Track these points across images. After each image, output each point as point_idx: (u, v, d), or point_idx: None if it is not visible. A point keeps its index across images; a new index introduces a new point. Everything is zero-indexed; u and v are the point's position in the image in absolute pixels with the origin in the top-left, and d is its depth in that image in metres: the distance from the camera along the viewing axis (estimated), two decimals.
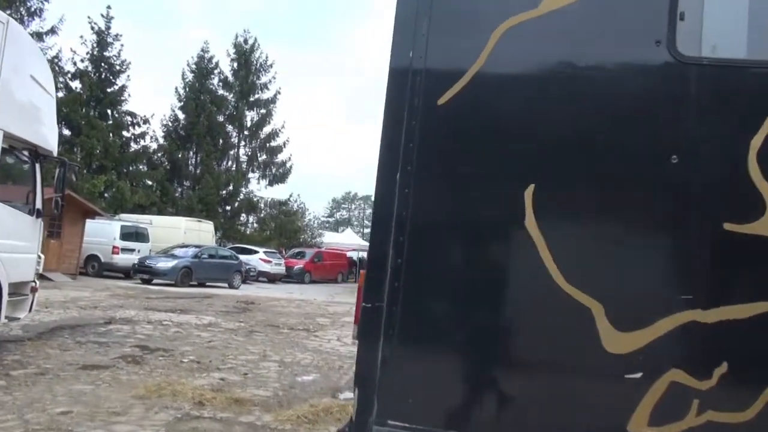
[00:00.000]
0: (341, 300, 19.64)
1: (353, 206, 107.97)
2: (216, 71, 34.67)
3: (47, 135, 7.41)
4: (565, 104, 2.42)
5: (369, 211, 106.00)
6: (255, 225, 36.36)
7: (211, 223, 26.12)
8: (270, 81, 35.15)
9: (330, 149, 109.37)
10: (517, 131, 2.47)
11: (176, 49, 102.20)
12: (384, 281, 2.47)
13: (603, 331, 2.29)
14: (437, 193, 2.51)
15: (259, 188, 35.65)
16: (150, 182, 31.02)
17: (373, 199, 2.69)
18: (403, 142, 2.51)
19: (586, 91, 2.43)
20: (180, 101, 33.17)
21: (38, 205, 7.35)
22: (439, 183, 2.51)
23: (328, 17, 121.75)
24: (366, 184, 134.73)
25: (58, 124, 7.79)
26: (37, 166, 7.35)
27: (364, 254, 38.91)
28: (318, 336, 10.69)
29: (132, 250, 21.17)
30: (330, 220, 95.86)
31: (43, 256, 7.68)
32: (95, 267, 20.95)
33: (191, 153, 33.78)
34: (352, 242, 40.78)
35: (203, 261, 20.59)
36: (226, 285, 21.27)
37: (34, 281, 7.37)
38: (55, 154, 7.68)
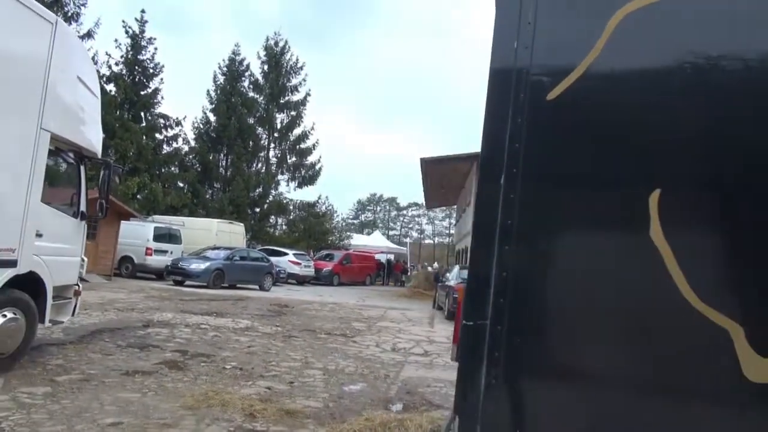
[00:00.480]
0: (372, 303, 19.44)
1: (378, 208, 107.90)
2: (247, 74, 34.87)
3: (92, 137, 7.32)
4: (696, 98, 2.13)
5: (394, 213, 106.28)
6: (284, 227, 36.42)
7: (242, 225, 26.16)
8: (300, 83, 35.26)
9: (355, 151, 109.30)
10: (639, 129, 2.17)
11: (208, 53, 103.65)
12: (487, 297, 2.21)
13: (743, 357, 1.99)
14: (547, 198, 2.24)
15: (288, 190, 35.78)
16: (181, 184, 31.27)
17: (474, 205, 2.44)
18: (508, 143, 2.25)
19: (717, 83, 2.13)
20: (211, 103, 33.42)
21: (82, 207, 7.27)
22: (549, 187, 2.24)
23: (351, 24, 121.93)
24: (390, 186, 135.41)
25: None
26: (82, 168, 7.27)
27: (392, 257, 38.89)
28: (356, 342, 10.47)
29: (165, 252, 21.27)
30: (355, 222, 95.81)
31: (86, 260, 7.60)
32: (129, 268, 21.10)
33: (222, 155, 33.98)
34: (380, 244, 40.67)
35: (235, 263, 20.58)
36: (257, 287, 21.24)
37: (77, 284, 7.29)
38: (99, 156, 7.60)
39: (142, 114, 29.29)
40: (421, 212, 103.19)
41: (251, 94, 34.77)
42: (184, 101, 70.66)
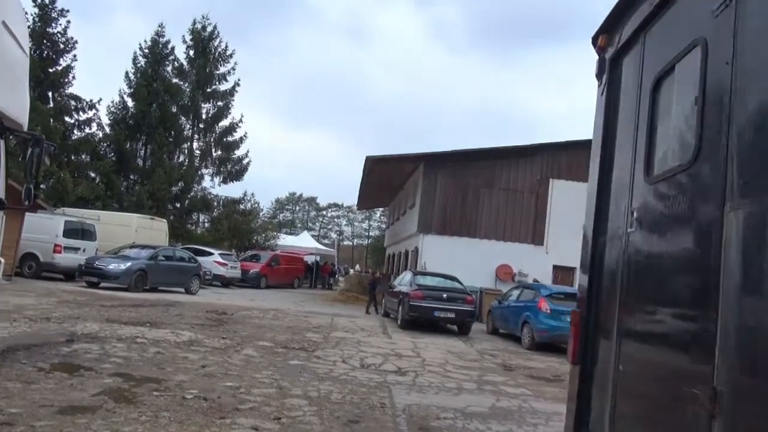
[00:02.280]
0: (312, 309, 18.15)
1: (297, 208, 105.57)
2: (170, 58, 32.25)
3: (16, 103, 5.69)
4: None
5: (313, 213, 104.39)
6: (206, 224, 34.08)
7: (165, 221, 23.92)
8: (229, 72, 33.05)
9: (272, 149, 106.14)
10: None
11: (127, 32, 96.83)
12: None
13: None
14: None
15: (212, 185, 33.47)
16: (93, 174, 28.31)
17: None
18: None
19: None
20: (130, 87, 30.54)
21: (0, 193, 5.62)
22: None
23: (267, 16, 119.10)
24: (311, 186, 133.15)
25: None
26: (2, 142, 5.62)
27: (317, 258, 37.46)
28: (321, 358, 9.25)
29: (77, 249, 18.88)
30: (273, 221, 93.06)
31: (3, 261, 5.92)
32: (32, 267, 18.50)
33: (140, 144, 31.18)
34: (308, 245, 39.15)
35: (160, 264, 18.56)
36: (182, 290, 19.31)
37: None
38: (26, 128, 5.96)
39: (50, 94, 26.18)
40: (340, 213, 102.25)
41: (175, 80, 32.20)
42: (99, 83, 64.97)
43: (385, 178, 24.61)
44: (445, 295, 14.35)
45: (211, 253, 25.12)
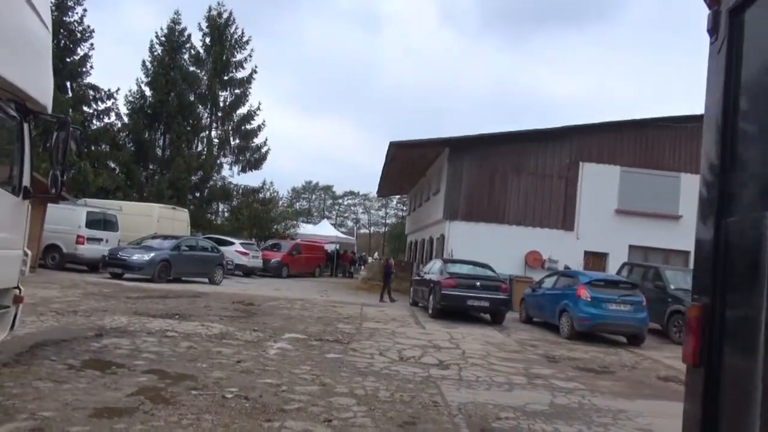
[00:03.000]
0: (338, 299, 17.78)
1: (313, 196, 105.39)
2: (187, 45, 31.84)
3: (41, 82, 5.31)
4: None
5: (330, 201, 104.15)
6: (226, 214, 33.84)
7: (186, 211, 23.65)
8: (246, 59, 32.59)
9: (287, 138, 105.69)
10: None
11: (144, 20, 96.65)
12: None
13: None
14: None
15: (231, 174, 33.15)
16: (113, 164, 28.11)
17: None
18: None
19: None
20: (147, 76, 30.20)
21: (26, 181, 5.25)
22: None
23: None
24: (326, 175, 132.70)
25: None
26: (26, 126, 5.24)
27: (337, 246, 37.09)
28: (357, 350, 8.84)
29: (99, 240, 18.66)
30: (289, 210, 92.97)
31: (30, 253, 5.54)
32: (56, 258, 18.33)
33: (159, 134, 30.91)
34: (328, 234, 38.81)
35: (183, 254, 18.28)
36: (206, 280, 19.04)
37: (17, 287, 5.28)
38: (50, 110, 5.57)
39: (68, 84, 25.92)
40: (357, 201, 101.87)
41: (192, 68, 31.83)
42: (117, 72, 64.68)
43: (408, 164, 24.07)
44: (478, 283, 13.86)
45: (232, 243, 24.83)
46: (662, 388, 8.13)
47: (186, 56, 32.02)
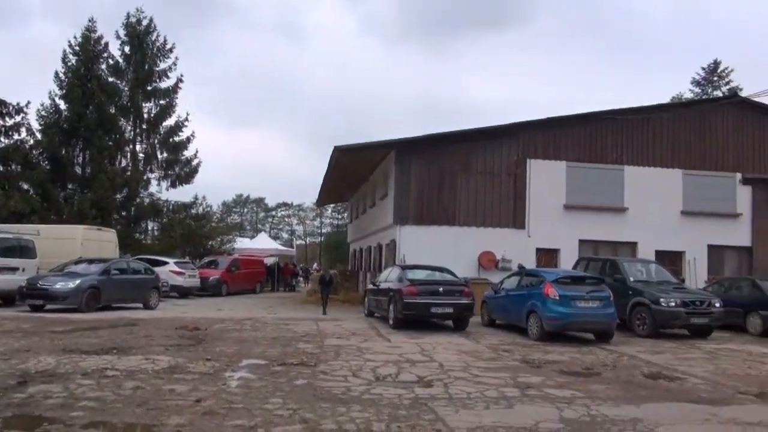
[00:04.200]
0: (289, 315, 16.71)
1: (245, 210, 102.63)
2: (104, 55, 29.71)
3: None
4: None
5: (263, 214, 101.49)
6: (156, 232, 31.80)
7: (113, 231, 21.77)
8: (170, 68, 30.78)
9: (217, 152, 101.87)
10: None
11: (53, 31, 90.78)
12: None
13: None
14: None
15: (159, 190, 31.15)
16: (26, 185, 25.65)
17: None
18: None
19: None
20: (61, 89, 27.86)
21: None
22: None
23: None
24: (257, 187, 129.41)
25: None
26: None
27: (275, 260, 35.64)
28: (327, 373, 7.95)
29: (15, 269, 16.68)
30: (223, 224, 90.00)
31: None
32: None
33: (77, 150, 28.58)
34: (267, 247, 37.33)
35: (113, 278, 16.65)
36: (140, 305, 17.47)
37: None
38: None
39: None
40: (290, 212, 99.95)
41: (111, 78, 29.68)
42: (24, 85, 60.00)
43: (350, 170, 23.25)
44: (440, 289, 13.22)
45: (165, 263, 23.18)
46: (655, 387, 7.71)
47: (104, 66, 29.90)
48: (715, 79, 46.28)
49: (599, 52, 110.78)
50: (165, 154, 30.90)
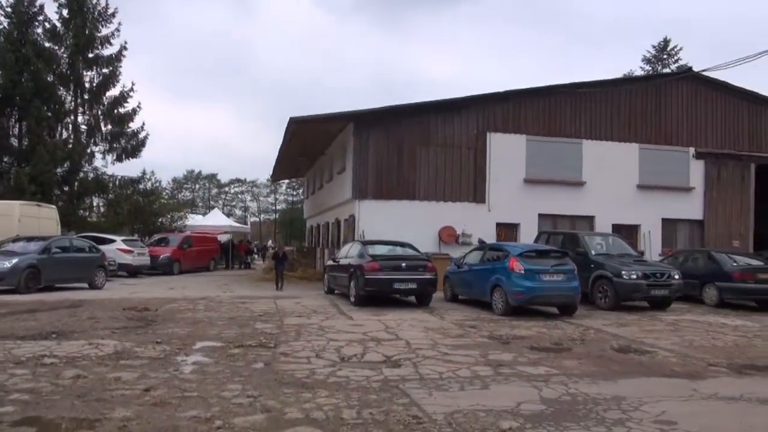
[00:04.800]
0: (245, 294, 16.08)
1: (197, 186, 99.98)
2: (40, 18, 27.66)
3: None
4: None
5: (215, 190, 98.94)
6: (102, 209, 30.24)
7: (54, 208, 20.46)
8: (113, 34, 28.86)
9: (164, 126, 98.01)
10: None
11: None
12: None
13: None
14: None
15: (104, 164, 29.50)
16: None
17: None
18: None
19: None
20: None
21: None
22: None
23: None
24: (208, 163, 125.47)
25: None
26: None
27: (229, 237, 34.57)
28: (289, 354, 7.48)
29: None
30: (171, 201, 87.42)
31: None
32: None
33: (13, 121, 26.67)
34: (221, 223, 36.19)
35: (54, 257, 15.59)
36: (85, 285, 16.50)
37: None
38: None
39: None
40: (244, 189, 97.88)
41: (48, 44, 27.65)
42: None
43: (307, 143, 22.48)
44: (403, 264, 12.84)
45: (112, 240, 22.05)
46: (627, 361, 7.55)
47: (40, 30, 27.83)
48: (665, 56, 47.20)
49: (551, 30, 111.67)
50: (109, 126, 29.15)
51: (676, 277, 13.36)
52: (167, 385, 5.73)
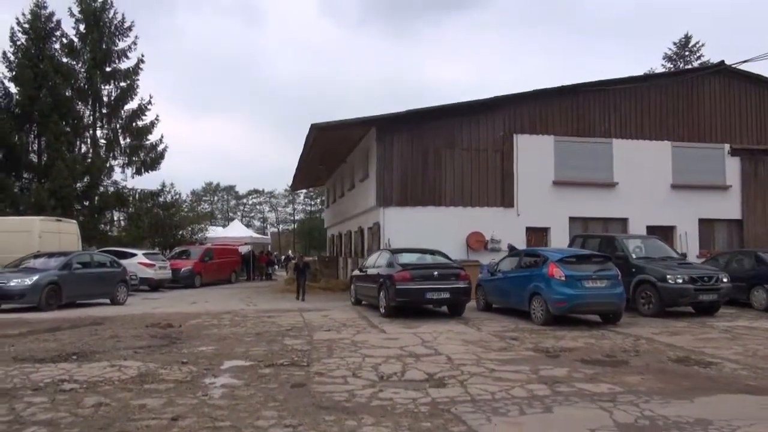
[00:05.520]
0: (270, 306, 15.60)
1: (215, 198, 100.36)
2: (57, 33, 27.70)
3: None
4: None
5: (233, 202, 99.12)
6: (122, 222, 30.12)
7: (74, 222, 20.25)
8: (130, 47, 28.90)
9: (180, 139, 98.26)
10: None
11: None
12: None
13: None
14: None
15: (124, 178, 29.40)
16: None
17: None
18: None
19: None
20: (10, 70, 25.89)
21: None
22: None
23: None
24: (225, 175, 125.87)
25: None
26: None
27: (249, 248, 34.25)
28: (324, 374, 6.93)
29: None
30: (190, 215, 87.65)
31: None
32: None
33: (32, 136, 26.70)
34: (241, 235, 35.92)
35: (75, 272, 15.28)
36: (107, 301, 16.15)
37: None
38: None
39: None
40: (262, 199, 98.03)
41: (66, 59, 27.72)
42: None
43: (328, 150, 22.05)
44: (435, 273, 12.25)
45: (134, 254, 21.84)
46: (693, 375, 6.89)
47: (57, 45, 27.88)
48: (686, 53, 46.17)
49: (565, 32, 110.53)
50: (128, 140, 29.11)
51: (725, 280, 12.60)
52: (196, 413, 5.22)
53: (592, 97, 19.27)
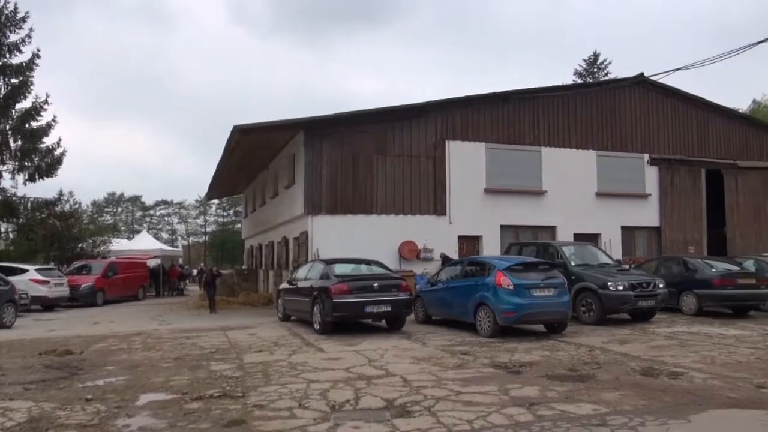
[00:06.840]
0: (186, 326, 14.09)
1: (119, 209, 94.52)
2: None
3: None
4: None
5: (140, 213, 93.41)
6: (12, 235, 26.96)
7: None
8: (23, 40, 26.00)
9: (79, 148, 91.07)
10: None
11: None
12: None
13: None
14: None
15: (14, 185, 26.31)
16: None
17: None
18: None
19: None
20: None
21: None
22: None
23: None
24: (129, 186, 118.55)
25: None
26: None
27: (157, 261, 31.76)
28: (264, 407, 5.85)
29: None
30: (91, 227, 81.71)
31: None
32: None
33: None
34: (150, 247, 33.30)
35: None
36: None
37: None
38: None
39: None
40: (171, 210, 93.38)
41: None
42: None
43: (249, 155, 20.65)
44: (375, 285, 11.34)
45: (24, 270, 19.38)
46: (670, 389, 6.43)
47: None
48: (595, 70, 48.41)
49: (479, 50, 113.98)
50: (20, 142, 26.09)
51: (661, 286, 12.61)
52: None
53: (522, 105, 19.24)
